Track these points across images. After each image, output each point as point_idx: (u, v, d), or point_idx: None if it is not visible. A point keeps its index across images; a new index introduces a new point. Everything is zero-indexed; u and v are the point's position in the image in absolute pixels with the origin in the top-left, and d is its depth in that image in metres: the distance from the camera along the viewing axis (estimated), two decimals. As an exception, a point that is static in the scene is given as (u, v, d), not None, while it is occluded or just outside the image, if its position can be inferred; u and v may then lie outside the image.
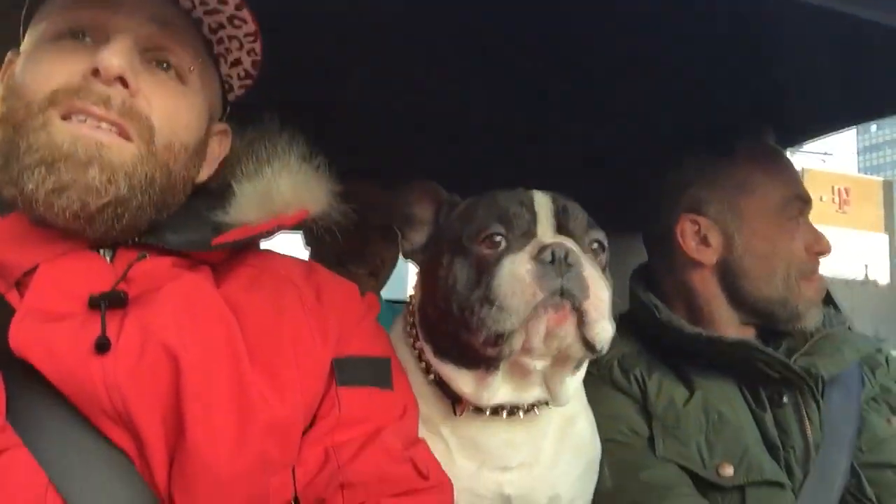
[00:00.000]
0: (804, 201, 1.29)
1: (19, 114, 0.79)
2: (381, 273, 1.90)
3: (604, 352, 0.90)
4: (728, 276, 1.29)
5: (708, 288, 1.31)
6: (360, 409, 0.89)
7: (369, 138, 1.62)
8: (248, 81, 1.04)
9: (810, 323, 1.25)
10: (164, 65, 0.88)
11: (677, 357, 1.27)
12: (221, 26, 0.94)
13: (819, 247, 1.28)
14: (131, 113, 0.81)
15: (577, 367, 0.97)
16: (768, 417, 1.19)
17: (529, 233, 0.93)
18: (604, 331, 0.88)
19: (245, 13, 0.92)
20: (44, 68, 0.82)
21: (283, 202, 0.94)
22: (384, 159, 1.71)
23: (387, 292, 1.97)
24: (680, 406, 1.20)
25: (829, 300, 1.35)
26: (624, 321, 1.34)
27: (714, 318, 1.30)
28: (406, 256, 1.11)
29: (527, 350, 0.88)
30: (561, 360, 0.92)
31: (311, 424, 0.86)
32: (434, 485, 0.91)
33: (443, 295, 0.95)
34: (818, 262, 1.29)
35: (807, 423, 1.18)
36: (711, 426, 1.17)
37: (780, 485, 1.12)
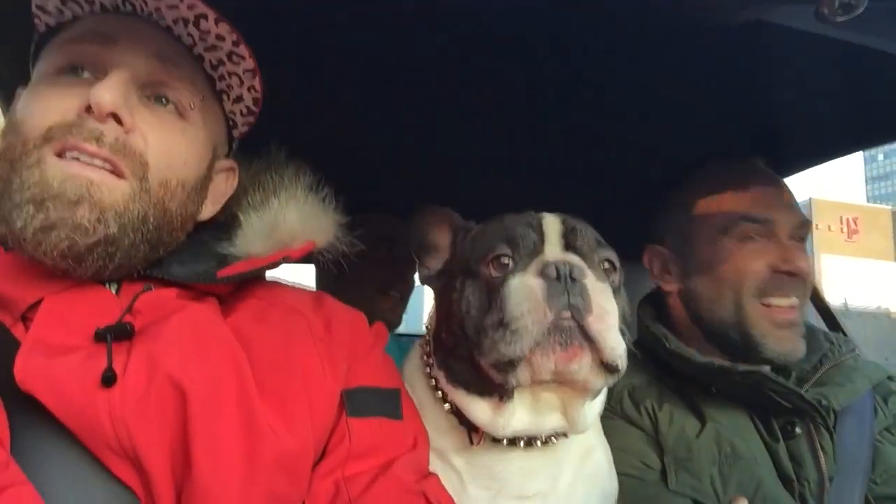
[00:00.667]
0: (756, 221, 1.24)
1: (16, 150, 0.78)
2: (407, 296, 2.02)
3: (622, 369, 0.87)
4: (689, 302, 1.30)
5: (680, 316, 1.33)
6: (371, 440, 0.88)
7: (379, 170, 1.64)
8: (251, 119, 1.03)
9: (771, 354, 1.20)
10: (164, 100, 0.87)
11: (688, 388, 1.25)
12: (222, 62, 0.93)
13: (787, 266, 1.21)
14: (125, 150, 0.80)
15: (595, 393, 0.95)
16: (781, 449, 1.17)
17: (536, 252, 0.93)
18: (617, 345, 0.86)
19: (243, 49, 0.92)
20: (41, 104, 0.81)
21: (290, 233, 0.94)
22: (394, 191, 1.72)
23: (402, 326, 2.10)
24: (692, 438, 1.18)
25: (837, 327, 1.33)
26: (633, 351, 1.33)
27: (691, 346, 1.26)
28: (423, 282, 1.13)
29: (539, 371, 0.86)
30: (575, 386, 0.90)
31: (321, 458, 0.85)
32: None
33: (457, 320, 0.95)
34: (786, 282, 1.22)
35: (821, 454, 1.15)
36: (724, 458, 1.15)
37: (795, 519, 1.09)
